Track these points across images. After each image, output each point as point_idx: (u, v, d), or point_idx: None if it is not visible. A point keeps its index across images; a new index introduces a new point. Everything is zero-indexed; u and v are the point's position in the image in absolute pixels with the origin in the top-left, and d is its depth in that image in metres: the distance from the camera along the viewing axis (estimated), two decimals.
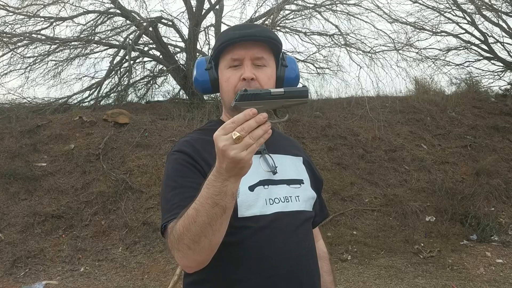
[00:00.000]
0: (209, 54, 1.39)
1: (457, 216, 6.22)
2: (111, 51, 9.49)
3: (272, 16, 8.23)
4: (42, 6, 8.58)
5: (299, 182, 1.38)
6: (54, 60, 9.20)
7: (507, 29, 9.98)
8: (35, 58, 8.88)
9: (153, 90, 10.34)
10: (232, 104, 1.01)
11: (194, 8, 9.24)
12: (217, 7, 9.45)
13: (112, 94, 9.39)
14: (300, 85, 1.11)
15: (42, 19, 8.72)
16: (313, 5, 8.66)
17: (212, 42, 9.76)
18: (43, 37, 8.69)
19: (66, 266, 5.02)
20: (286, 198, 1.31)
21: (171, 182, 1.23)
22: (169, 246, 1.13)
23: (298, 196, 1.34)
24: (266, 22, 8.35)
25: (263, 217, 1.23)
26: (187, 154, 1.26)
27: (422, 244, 5.70)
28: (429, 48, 10.47)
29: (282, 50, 1.41)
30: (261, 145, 1.03)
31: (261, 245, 1.22)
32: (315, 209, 1.47)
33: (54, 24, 8.82)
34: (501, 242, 5.81)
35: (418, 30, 9.92)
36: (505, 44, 10.40)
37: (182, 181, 1.22)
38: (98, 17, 9.29)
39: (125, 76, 9.33)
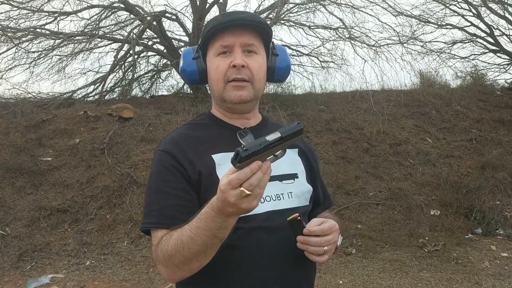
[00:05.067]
0: (198, 45, 1.32)
1: (462, 209, 6.21)
2: (115, 45, 9.49)
3: (276, 9, 8.19)
4: (46, 0, 8.61)
5: (293, 176, 1.33)
6: (58, 55, 9.23)
7: None
8: (39, 53, 8.91)
9: (157, 84, 10.34)
10: (236, 166, 0.94)
11: (198, 2, 9.22)
12: (221, 0, 9.42)
13: (116, 89, 9.41)
14: (294, 123, 1.06)
15: (46, 13, 8.74)
16: None
17: None
18: (47, 32, 8.71)
19: (72, 260, 5.05)
20: (278, 195, 1.27)
21: (153, 184, 1.22)
22: (153, 258, 1.15)
23: (291, 192, 1.30)
24: (270, 16, 8.32)
25: (254, 216, 1.18)
26: (171, 155, 1.22)
27: (427, 238, 5.69)
28: (434, 41, 10.41)
29: (272, 39, 1.36)
30: None
31: (252, 246, 1.20)
32: (317, 200, 1.45)
33: (58, 18, 8.84)
34: (507, 236, 5.80)
35: (423, 23, 9.86)
36: (511, 36, 10.33)
37: (164, 186, 1.20)
38: (102, 12, 9.29)
39: (129, 70, 9.34)
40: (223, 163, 1.21)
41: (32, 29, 8.50)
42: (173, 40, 9.62)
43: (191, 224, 1.05)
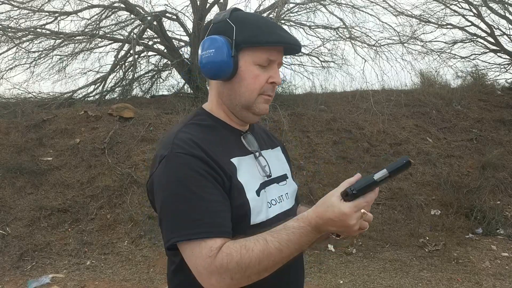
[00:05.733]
0: (232, 39, 1.21)
1: (462, 209, 6.20)
2: (116, 45, 9.50)
3: (277, 9, 8.20)
4: (46, 0, 8.61)
5: (285, 178, 1.37)
6: (59, 55, 9.24)
7: None
8: (40, 52, 8.91)
9: (158, 84, 10.34)
10: (353, 190, 1.04)
11: (198, 2, 9.22)
12: (222, 0, 9.42)
13: (117, 89, 9.41)
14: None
15: (47, 13, 8.74)
16: None
17: None
18: (48, 32, 8.71)
19: (73, 260, 5.05)
20: (280, 197, 1.31)
21: (185, 191, 1.10)
22: (209, 268, 1.07)
23: (287, 193, 1.35)
24: (271, 16, 8.32)
25: (267, 222, 1.21)
26: (200, 158, 1.14)
27: (427, 238, 5.69)
28: (434, 41, 10.42)
29: None
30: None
31: None
32: (297, 196, 1.47)
33: (59, 18, 8.84)
34: (507, 236, 5.79)
35: (423, 23, 9.86)
36: (511, 36, 10.32)
37: (201, 192, 1.11)
38: (103, 11, 9.29)
39: (129, 70, 9.34)
40: (240, 167, 1.22)
41: (32, 29, 8.50)
42: (173, 40, 9.63)
43: (279, 237, 1.06)
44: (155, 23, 8.77)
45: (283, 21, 8.70)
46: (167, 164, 1.14)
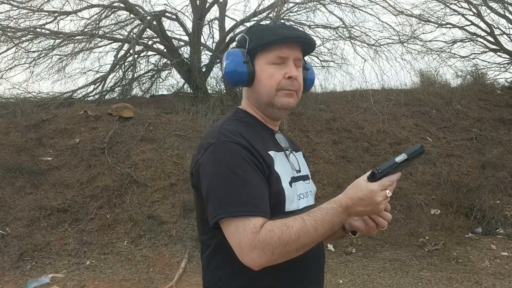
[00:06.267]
0: (245, 48, 1.39)
1: (462, 209, 6.21)
2: (115, 45, 9.49)
3: (276, 9, 8.19)
4: (46, 0, 8.60)
5: (308, 177, 1.50)
6: (58, 55, 9.24)
7: None
8: (39, 52, 8.91)
9: (157, 84, 10.34)
10: (378, 170, 1.20)
11: (198, 2, 9.22)
12: (221, 0, 9.42)
13: (116, 88, 9.40)
14: (416, 146, 1.25)
15: (46, 13, 8.74)
16: None
17: (216, 35, 9.75)
18: (47, 32, 8.70)
19: (72, 260, 5.05)
20: (306, 193, 1.44)
21: (231, 174, 1.23)
22: (244, 243, 1.18)
23: (310, 191, 1.48)
24: (270, 15, 8.32)
25: (297, 212, 1.30)
26: (244, 147, 1.27)
27: (427, 237, 5.69)
28: (434, 41, 10.41)
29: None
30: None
31: None
32: None
33: (58, 18, 8.83)
34: (507, 235, 5.80)
35: (423, 22, 9.85)
36: (511, 35, 10.31)
37: (247, 176, 1.23)
38: (102, 11, 9.29)
39: (129, 70, 9.34)
40: (276, 160, 1.35)
41: (32, 29, 8.50)
42: (173, 40, 9.62)
43: (314, 216, 1.19)
44: (154, 22, 8.77)
45: (282, 21, 8.68)
46: (215, 151, 1.26)
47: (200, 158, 1.29)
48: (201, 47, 9.44)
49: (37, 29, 8.62)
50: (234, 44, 1.34)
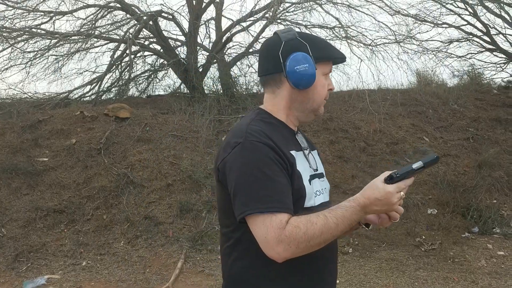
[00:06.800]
0: (310, 55, 1.45)
1: (459, 208, 6.21)
2: (112, 45, 9.47)
3: (272, 9, 8.18)
4: (41, 0, 8.57)
5: (323, 175, 1.58)
6: (54, 55, 9.19)
7: (510, 20, 9.90)
8: (35, 53, 8.87)
9: (154, 84, 10.30)
10: (397, 174, 1.32)
11: (194, 2, 9.20)
12: (217, 0, 9.41)
13: (113, 89, 9.38)
14: (433, 155, 1.39)
15: (42, 13, 8.69)
16: None
17: (213, 35, 9.74)
18: (43, 32, 8.67)
19: (68, 260, 5.03)
20: (322, 190, 1.52)
21: (257, 172, 1.30)
22: (270, 238, 1.26)
23: (325, 188, 1.56)
24: (267, 15, 8.32)
25: (315, 208, 1.41)
26: (269, 147, 1.33)
27: (424, 237, 5.70)
28: (430, 40, 10.40)
29: None
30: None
31: None
32: None
33: (54, 18, 8.80)
34: (503, 234, 5.81)
35: (419, 22, 9.86)
36: (507, 35, 10.32)
37: (272, 174, 1.31)
38: (98, 11, 9.26)
39: (126, 70, 9.30)
40: (297, 159, 1.42)
41: (27, 29, 8.47)
42: (169, 40, 9.60)
43: (335, 214, 1.30)
44: (151, 23, 8.75)
45: (279, 21, 8.69)
46: (242, 149, 1.33)
47: (227, 156, 1.36)
48: (198, 47, 9.42)
49: (33, 29, 8.59)
50: (283, 43, 1.29)
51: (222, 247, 1.49)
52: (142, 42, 9.62)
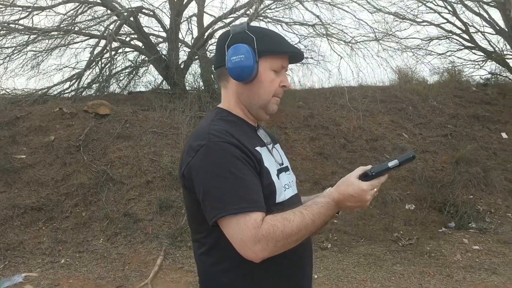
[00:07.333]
0: (254, 47, 1.40)
1: (436, 204, 6.32)
2: (92, 41, 9.36)
3: (254, 6, 8.18)
4: None
5: (288, 168, 1.57)
6: (33, 51, 9.05)
7: (488, 19, 10.07)
8: (13, 48, 8.73)
9: (135, 80, 10.20)
10: (372, 172, 1.34)
11: None
12: None
13: (93, 85, 9.27)
14: (410, 152, 1.41)
15: (20, 8, 8.55)
16: None
17: (195, 32, 9.70)
18: (21, 27, 8.53)
19: (46, 258, 4.99)
20: (289, 183, 1.51)
21: (226, 173, 1.27)
22: (256, 237, 1.23)
23: (292, 181, 1.55)
24: (248, 12, 8.31)
25: (286, 202, 1.42)
26: (235, 145, 1.31)
27: (401, 232, 5.78)
28: (410, 38, 10.51)
29: None
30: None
31: None
32: None
33: (33, 13, 8.66)
34: (478, 229, 5.92)
35: (400, 20, 9.95)
36: (485, 33, 10.49)
37: (241, 174, 1.28)
38: (79, 7, 9.15)
39: (106, 67, 9.21)
40: (263, 156, 1.41)
41: (5, 24, 8.32)
42: (150, 36, 9.53)
43: (312, 210, 1.30)
44: (131, 19, 8.67)
45: (260, 18, 8.69)
46: (207, 151, 1.30)
47: (191, 160, 1.32)
48: (179, 44, 9.38)
49: (11, 25, 8.44)
50: (231, 36, 1.27)
51: (196, 255, 1.45)
52: (123, 38, 9.53)
